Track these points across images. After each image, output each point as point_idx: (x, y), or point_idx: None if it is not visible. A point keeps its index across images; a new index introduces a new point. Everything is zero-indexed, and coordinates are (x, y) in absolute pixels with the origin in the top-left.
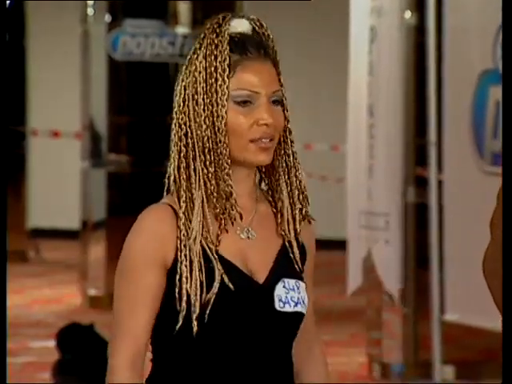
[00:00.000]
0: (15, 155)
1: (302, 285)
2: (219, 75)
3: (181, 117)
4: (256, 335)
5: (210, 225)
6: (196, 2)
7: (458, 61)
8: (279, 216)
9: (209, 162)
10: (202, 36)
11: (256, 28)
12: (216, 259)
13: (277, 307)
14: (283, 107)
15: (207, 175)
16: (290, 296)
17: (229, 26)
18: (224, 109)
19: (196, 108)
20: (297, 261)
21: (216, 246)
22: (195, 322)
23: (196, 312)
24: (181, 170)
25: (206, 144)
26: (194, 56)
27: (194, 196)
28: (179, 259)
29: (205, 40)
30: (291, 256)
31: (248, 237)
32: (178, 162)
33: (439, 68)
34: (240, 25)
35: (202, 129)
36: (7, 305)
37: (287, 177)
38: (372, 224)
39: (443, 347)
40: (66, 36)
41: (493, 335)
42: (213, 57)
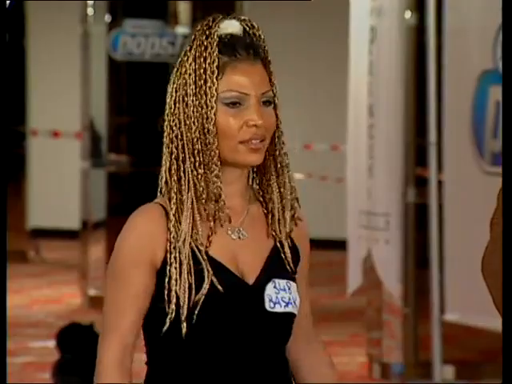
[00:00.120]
0: (15, 155)
1: (294, 285)
2: (208, 77)
3: (172, 119)
4: (247, 336)
5: (200, 226)
6: (196, 2)
7: (458, 61)
8: (270, 216)
9: (198, 164)
10: (192, 38)
11: (247, 28)
12: (205, 261)
13: (267, 307)
14: (275, 107)
15: (196, 177)
16: (281, 296)
17: (218, 28)
18: (213, 110)
19: (186, 110)
20: (288, 261)
21: (206, 248)
22: (184, 324)
23: (184, 314)
24: (172, 172)
25: (196, 146)
26: (185, 58)
27: (184, 198)
28: (168, 261)
29: (195, 42)
30: (283, 256)
31: (239, 237)
32: (170, 164)
33: (439, 68)
34: (230, 26)
35: (192, 131)
36: (7, 305)
37: (278, 177)
38: (372, 224)
39: (443, 347)
40: (66, 36)
41: (493, 335)
42: (202, 59)
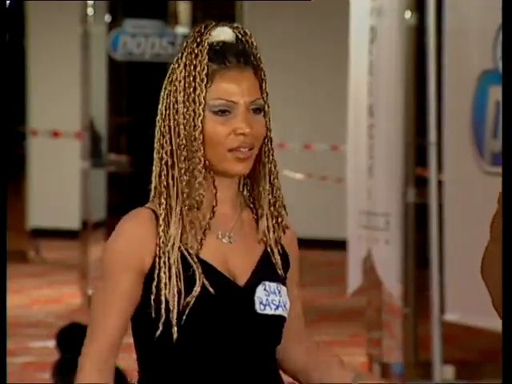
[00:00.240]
0: (15, 155)
1: (284, 289)
2: (197, 85)
3: (163, 125)
4: (237, 338)
5: (190, 231)
6: (196, 2)
7: (458, 61)
8: (260, 223)
9: (184, 171)
10: (184, 45)
11: (239, 36)
12: (196, 263)
13: (257, 310)
14: (267, 115)
15: (182, 183)
16: (271, 299)
17: (209, 35)
18: (200, 118)
19: (176, 117)
20: (279, 266)
21: (198, 250)
22: (175, 329)
23: (175, 319)
24: (161, 178)
25: (183, 153)
26: (176, 65)
27: (173, 203)
28: (157, 266)
29: (186, 49)
30: (273, 261)
31: (230, 242)
32: (159, 170)
33: (439, 68)
34: (222, 33)
35: (180, 137)
36: (7, 305)
37: (268, 185)
38: (372, 224)
39: (443, 347)
40: (66, 36)
41: (493, 335)
42: (192, 66)
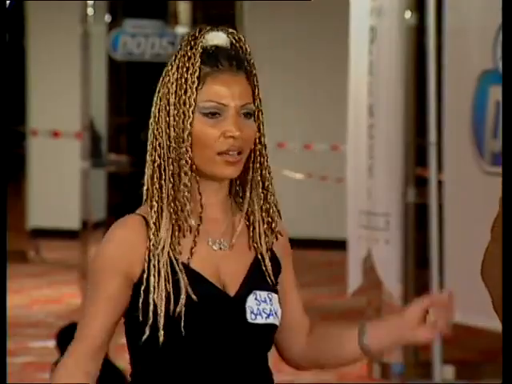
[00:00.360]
0: (15, 155)
1: (275, 297)
2: (189, 87)
3: (156, 127)
4: (228, 347)
5: (180, 237)
6: (196, 2)
7: (458, 61)
8: (251, 229)
9: (171, 173)
10: (178, 48)
11: (233, 41)
12: (181, 271)
13: (248, 319)
14: (258, 120)
15: (169, 186)
16: (262, 308)
17: (203, 39)
18: (189, 120)
19: (167, 119)
20: (269, 273)
21: (188, 259)
22: (162, 332)
23: (162, 323)
24: (154, 180)
25: (172, 154)
26: (169, 67)
27: (164, 206)
28: (146, 270)
29: (180, 52)
30: (263, 269)
31: (220, 248)
32: (152, 172)
33: (439, 68)
34: (216, 37)
35: (170, 139)
36: (7, 305)
37: (260, 191)
38: (372, 224)
39: (443, 347)
40: (66, 36)
41: (493, 335)
42: (184, 69)
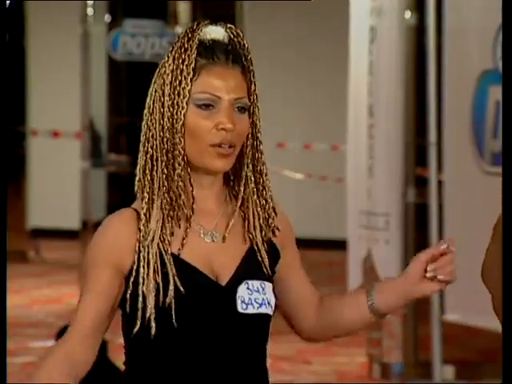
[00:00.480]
0: (15, 155)
1: (269, 286)
2: (183, 78)
3: (149, 118)
4: (220, 338)
5: (171, 228)
6: (196, 2)
7: (458, 61)
8: (246, 223)
9: (164, 164)
10: (176, 40)
11: (231, 36)
12: (170, 262)
13: (239, 309)
14: (254, 116)
15: (163, 177)
16: (254, 297)
17: (201, 32)
18: (183, 111)
19: (161, 110)
20: (265, 264)
21: (179, 250)
22: (153, 324)
23: (152, 314)
24: (146, 172)
25: (165, 145)
26: (166, 59)
27: (155, 198)
28: (136, 261)
29: (177, 44)
30: (259, 259)
31: (212, 240)
32: (144, 163)
33: (439, 68)
34: (214, 31)
35: (164, 130)
36: (7, 305)
37: (256, 185)
38: (372, 224)
39: (443, 347)
40: (66, 36)
41: (493, 335)
42: (180, 60)
